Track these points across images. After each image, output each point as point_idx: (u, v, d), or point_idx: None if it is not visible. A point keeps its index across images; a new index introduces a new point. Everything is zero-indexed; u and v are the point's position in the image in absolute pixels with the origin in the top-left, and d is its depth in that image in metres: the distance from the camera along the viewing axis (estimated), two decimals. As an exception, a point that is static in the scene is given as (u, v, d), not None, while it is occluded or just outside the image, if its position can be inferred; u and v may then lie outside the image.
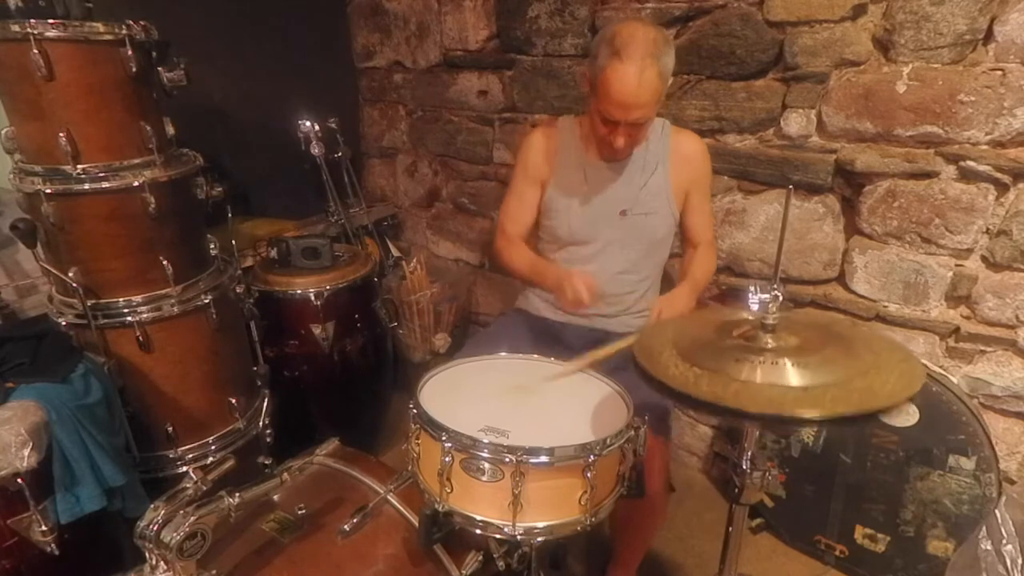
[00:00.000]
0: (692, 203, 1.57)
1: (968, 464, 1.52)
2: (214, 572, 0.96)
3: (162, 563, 0.90)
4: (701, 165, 1.57)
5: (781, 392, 0.84)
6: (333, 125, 2.43)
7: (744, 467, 1.07)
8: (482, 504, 0.98)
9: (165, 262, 1.44)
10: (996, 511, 1.34)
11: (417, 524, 1.08)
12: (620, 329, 1.59)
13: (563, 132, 1.56)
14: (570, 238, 1.55)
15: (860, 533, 1.70)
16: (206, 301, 1.52)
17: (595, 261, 1.53)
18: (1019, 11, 1.39)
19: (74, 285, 1.35)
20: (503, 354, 1.32)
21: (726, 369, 0.89)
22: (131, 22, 1.30)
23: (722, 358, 0.92)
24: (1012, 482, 1.64)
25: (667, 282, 1.71)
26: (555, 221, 1.56)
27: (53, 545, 1.15)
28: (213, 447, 1.62)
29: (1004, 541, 1.30)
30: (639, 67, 1.26)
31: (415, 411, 1.03)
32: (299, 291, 1.89)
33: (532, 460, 0.92)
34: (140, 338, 1.44)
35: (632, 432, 1.03)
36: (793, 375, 0.87)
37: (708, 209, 1.63)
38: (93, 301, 1.40)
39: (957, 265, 1.60)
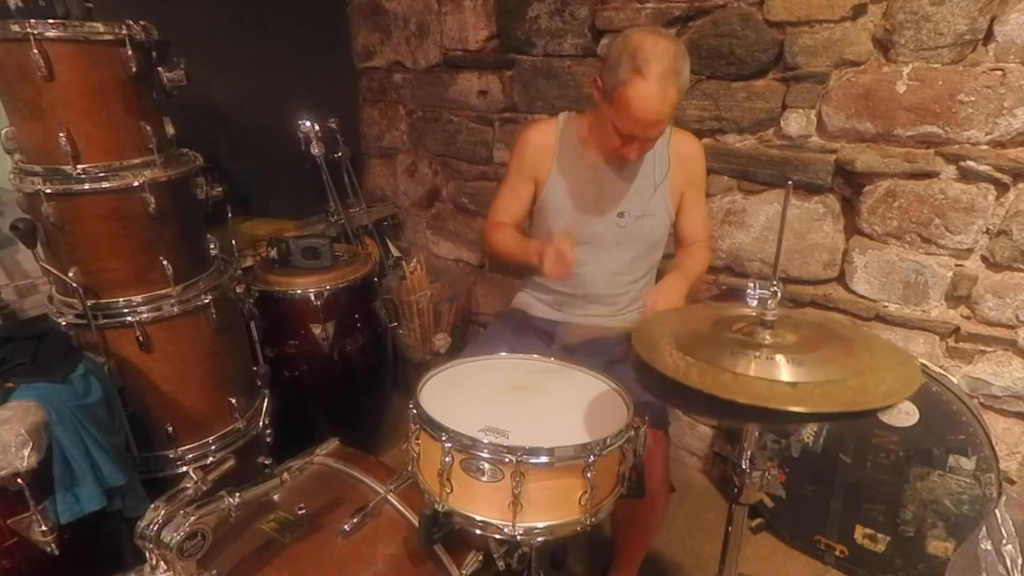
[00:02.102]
0: (687, 202, 1.57)
1: (968, 464, 1.52)
2: (214, 572, 0.96)
3: (162, 563, 0.90)
4: (697, 165, 1.57)
5: (770, 386, 0.84)
6: (333, 125, 2.44)
7: (744, 467, 1.07)
8: (482, 504, 0.98)
9: (165, 262, 1.44)
10: (996, 511, 1.34)
11: (417, 524, 1.08)
12: (615, 324, 1.60)
13: (563, 129, 1.55)
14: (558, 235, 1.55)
15: (860, 533, 1.70)
16: (206, 301, 1.52)
17: (591, 262, 1.53)
18: (1019, 11, 1.39)
19: (74, 285, 1.35)
20: (503, 354, 1.32)
21: (720, 361, 0.89)
22: (131, 22, 1.30)
23: (718, 351, 0.92)
24: (1012, 482, 1.64)
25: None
26: (551, 220, 1.55)
27: (53, 545, 1.15)
28: (213, 447, 1.62)
29: (1004, 541, 1.30)
30: (662, 85, 1.24)
31: (415, 411, 1.03)
32: (299, 291, 1.89)
33: (532, 460, 0.92)
34: (140, 338, 1.44)
35: (632, 432, 1.03)
36: (786, 371, 0.87)
37: (703, 208, 1.62)
38: (93, 301, 1.40)
39: (957, 265, 1.60)
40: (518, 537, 0.97)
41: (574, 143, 1.53)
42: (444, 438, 0.96)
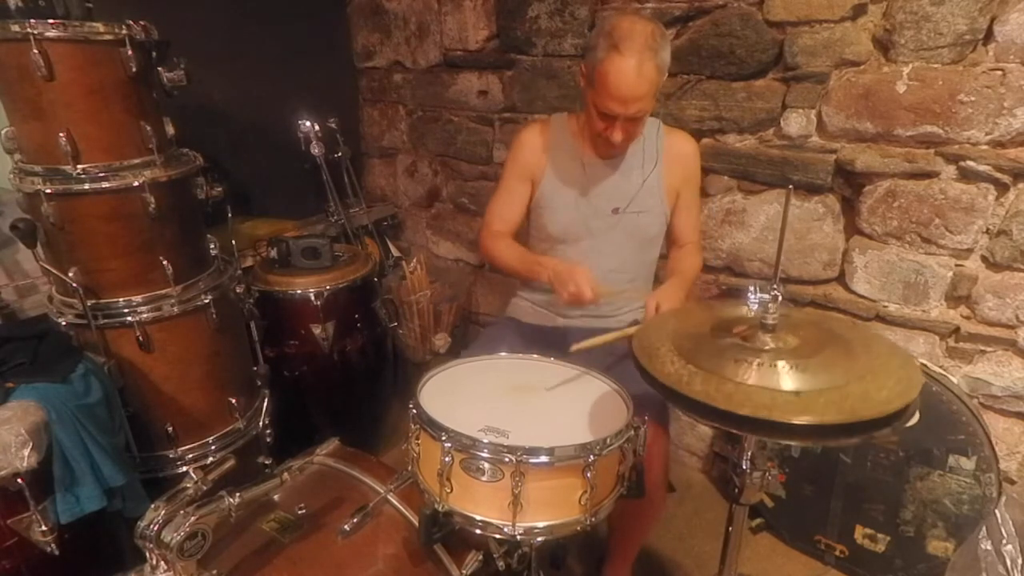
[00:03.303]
0: (681, 202, 1.57)
1: (968, 464, 1.52)
2: (214, 572, 0.96)
3: (162, 563, 0.90)
4: (693, 165, 1.57)
5: (773, 396, 0.84)
6: (333, 125, 2.44)
7: (744, 467, 1.07)
8: (482, 504, 0.98)
9: (165, 262, 1.44)
10: (996, 511, 1.34)
11: (417, 524, 1.08)
12: (614, 326, 1.59)
13: (556, 129, 1.55)
14: (562, 236, 1.55)
15: (860, 533, 1.70)
16: (206, 301, 1.52)
17: (586, 259, 1.53)
18: (1019, 11, 1.39)
19: (74, 285, 1.35)
20: (503, 354, 1.32)
21: (723, 369, 0.89)
22: (131, 22, 1.30)
23: (720, 358, 0.92)
24: (1012, 482, 1.64)
25: (657, 281, 1.71)
26: (547, 218, 1.55)
27: (53, 545, 1.15)
28: (213, 447, 1.62)
29: (1004, 541, 1.30)
30: (638, 60, 1.26)
31: (415, 411, 1.03)
32: (299, 291, 1.89)
33: (532, 460, 0.92)
34: (140, 338, 1.44)
35: (632, 432, 1.03)
36: (788, 378, 0.86)
37: (696, 210, 1.63)
38: (93, 301, 1.40)
39: (957, 265, 1.60)
40: (518, 537, 0.97)
41: (568, 141, 1.54)
42: (444, 438, 0.96)
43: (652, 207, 1.53)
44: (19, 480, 1.08)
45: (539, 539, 0.99)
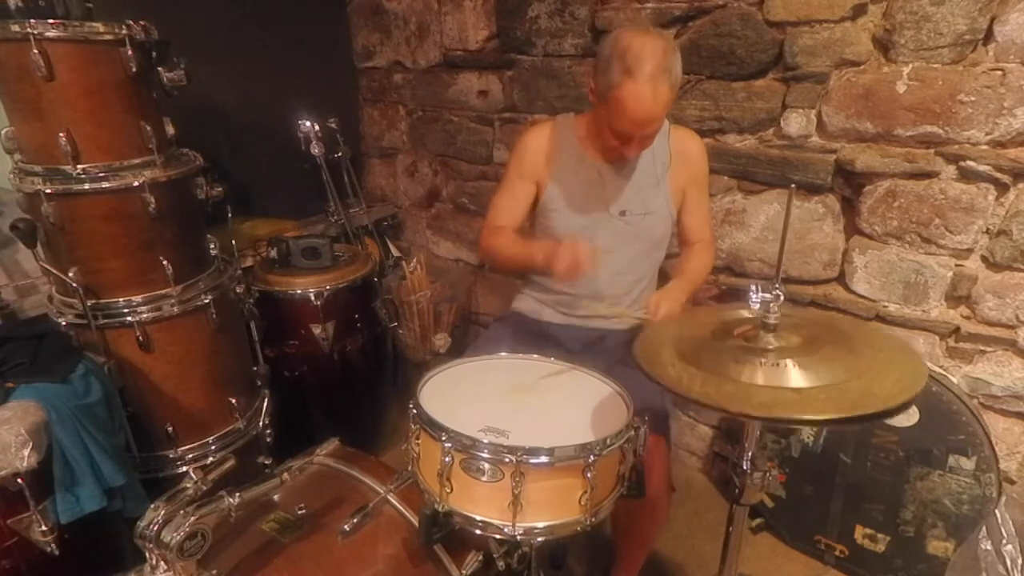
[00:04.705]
0: (689, 201, 1.57)
1: (968, 464, 1.52)
2: (214, 572, 0.96)
3: (162, 563, 0.90)
4: (699, 163, 1.56)
5: (775, 395, 0.84)
6: (333, 125, 2.44)
7: (744, 467, 1.07)
8: (482, 504, 0.98)
9: (165, 262, 1.44)
10: (996, 511, 1.35)
11: (417, 524, 1.08)
12: (618, 327, 1.59)
13: (561, 131, 1.55)
14: (568, 238, 1.55)
15: (860, 533, 1.70)
16: (206, 301, 1.52)
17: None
18: (1019, 11, 1.39)
19: (74, 285, 1.35)
20: (503, 354, 1.31)
21: (725, 371, 0.89)
22: (131, 22, 1.30)
23: (722, 359, 0.92)
24: (1012, 482, 1.64)
25: (664, 282, 1.70)
26: (553, 221, 1.55)
27: (53, 545, 1.15)
28: (213, 447, 1.62)
29: (1004, 541, 1.30)
30: (653, 84, 1.24)
31: (415, 411, 1.03)
32: (299, 291, 1.89)
33: (532, 460, 0.92)
34: (140, 338, 1.44)
35: (632, 432, 1.03)
36: (793, 376, 0.87)
37: (706, 207, 1.62)
38: (93, 301, 1.40)
39: (957, 265, 1.60)
40: (518, 537, 0.97)
41: (573, 144, 1.53)
42: (444, 438, 0.96)
43: (658, 209, 1.52)
44: (19, 480, 1.08)
45: (539, 539, 0.99)
